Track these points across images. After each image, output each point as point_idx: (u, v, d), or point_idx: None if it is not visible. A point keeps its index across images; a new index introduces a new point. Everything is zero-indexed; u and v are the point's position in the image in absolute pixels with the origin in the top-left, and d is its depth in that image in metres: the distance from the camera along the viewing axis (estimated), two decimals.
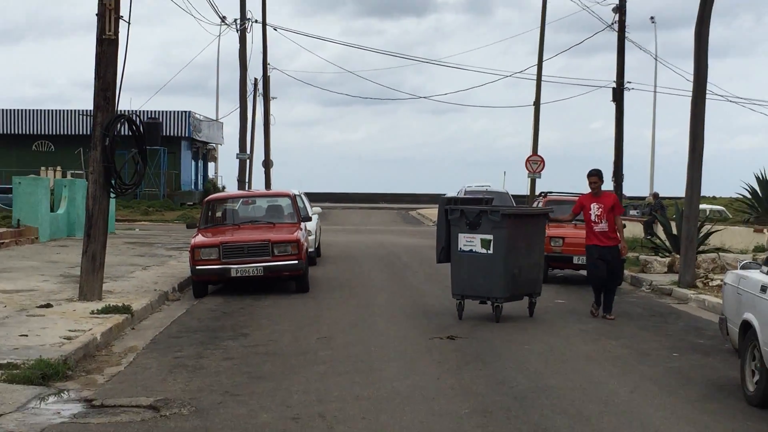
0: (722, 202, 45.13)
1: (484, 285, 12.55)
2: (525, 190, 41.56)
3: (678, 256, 18.58)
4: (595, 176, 13.37)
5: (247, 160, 43.74)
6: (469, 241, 12.63)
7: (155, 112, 47.39)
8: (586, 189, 13.80)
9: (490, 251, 12.46)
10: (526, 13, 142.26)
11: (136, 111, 34.00)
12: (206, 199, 18.79)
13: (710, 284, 16.84)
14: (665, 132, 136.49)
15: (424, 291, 16.29)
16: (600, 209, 13.09)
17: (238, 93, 41.17)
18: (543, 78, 40.92)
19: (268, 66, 49.97)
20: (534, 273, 13.15)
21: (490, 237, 12.46)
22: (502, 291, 12.47)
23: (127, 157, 16.66)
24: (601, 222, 13.09)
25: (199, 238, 16.07)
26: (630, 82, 33.06)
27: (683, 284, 16.92)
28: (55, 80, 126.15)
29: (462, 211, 12.72)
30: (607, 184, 13.34)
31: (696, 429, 7.40)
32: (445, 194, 23.92)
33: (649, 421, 7.58)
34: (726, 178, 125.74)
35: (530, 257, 13.02)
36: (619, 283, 13.39)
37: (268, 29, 45.95)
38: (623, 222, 13.59)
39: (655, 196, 35.69)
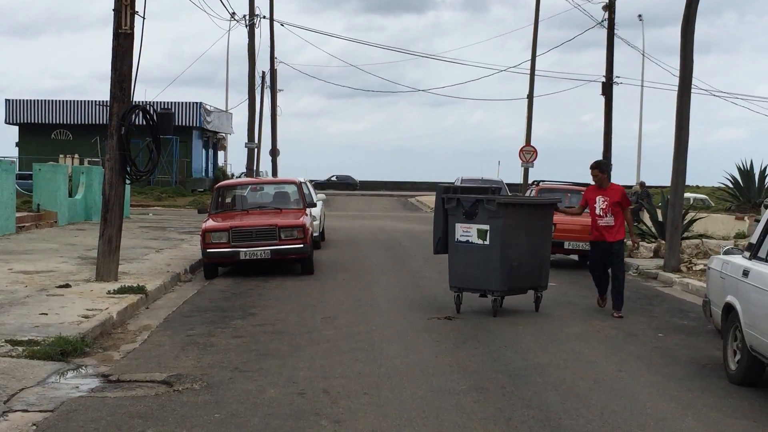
0: (705, 191, 45.07)
1: (480, 277, 11.54)
2: (519, 179, 41.51)
3: (663, 241, 18.58)
4: (595, 169, 12.16)
5: (255, 149, 43.71)
6: (466, 232, 11.66)
7: (168, 103, 47.29)
8: (576, 177, 13.52)
9: (487, 242, 11.45)
10: (520, 10, 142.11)
11: (150, 102, 33.94)
12: (217, 185, 18.78)
13: (694, 269, 16.85)
14: (652, 124, 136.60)
15: (422, 274, 16.28)
16: (605, 203, 11.89)
17: (246, 85, 41.17)
18: (536, 72, 40.88)
19: (275, 60, 49.98)
20: (538, 266, 11.95)
21: (486, 227, 11.45)
22: (499, 284, 11.43)
23: (141, 146, 16.61)
24: (606, 216, 11.88)
25: (210, 223, 16.07)
26: (618, 77, 33.11)
27: (668, 268, 16.94)
28: (73, 73, 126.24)
29: (458, 200, 11.75)
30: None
31: (680, 405, 7.40)
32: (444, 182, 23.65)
33: (636, 398, 7.58)
34: (709, 169, 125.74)
35: (533, 249, 11.82)
36: (621, 279, 12.00)
37: (276, 25, 46.05)
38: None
39: (642, 185, 35.66)
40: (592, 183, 12.37)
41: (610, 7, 31.50)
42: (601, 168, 12.27)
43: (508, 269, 11.50)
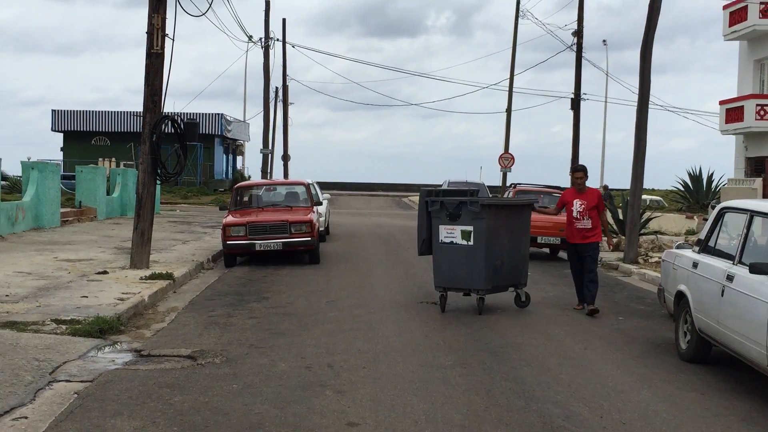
0: (660, 193, 45.07)
1: (465, 277, 10.57)
2: (498, 182, 41.48)
3: (623, 237, 18.59)
4: (581, 172, 11.26)
5: (269, 155, 43.65)
6: (450, 233, 10.65)
7: (193, 114, 47.14)
8: (548, 180, 13.20)
9: (471, 243, 10.48)
10: (500, 35, 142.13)
11: (178, 113, 33.86)
12: (236, 186, 18.76)
13: (649, 261, 16.86)
14: (614, 135, 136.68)
15: (414, 264, 16.25)
16: (582, 206, 11.05)
17: (262, 99, 41.05)
18: (513, 89, 40.84)
19: (287, 77, 49.85)
20: (518, 264, 11.05)
21: (470, 228, 10.49)
22: (483, 283, 10.49)
23: (170, 151, 16.57)
24: (583, 219, 11.04)
25: (230, 218, 16.06)
26: (585, 94, 33.05)
27: (627, 260, 16.95)
28: (110, 87, 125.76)
29: (442, 203, 10.73)
30: (565, 178, 11.93)
31: (637, 379, 7.40)
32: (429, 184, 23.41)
33: (599, 372, 7.58)
34: (663, 174, 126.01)
35: (514, 248, 10.92)
36: (593, 278, 11.02)
37: (288, 46, 45.89)
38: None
39: (605, 188, 35.70)
40: (568, 186, 11.55)
41: (578, 33, 31.59)
42: (586, 171, 11.36)
43: (492, 268, 10.61)
